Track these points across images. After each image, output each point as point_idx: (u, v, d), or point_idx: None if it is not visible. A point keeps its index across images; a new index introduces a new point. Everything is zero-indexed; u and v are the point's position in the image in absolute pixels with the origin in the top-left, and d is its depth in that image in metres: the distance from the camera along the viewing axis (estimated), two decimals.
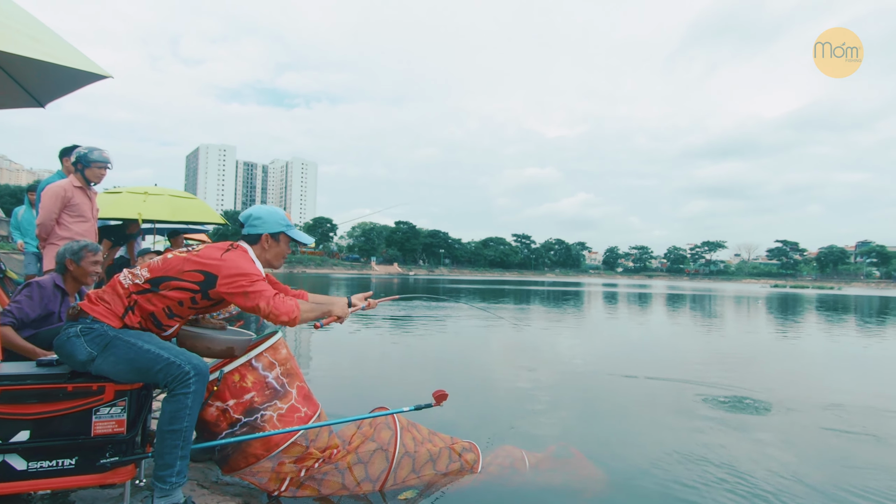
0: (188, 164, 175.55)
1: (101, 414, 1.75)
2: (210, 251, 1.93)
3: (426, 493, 2.43)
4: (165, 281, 1.84)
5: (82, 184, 3.99)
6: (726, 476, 2.85)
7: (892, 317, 17.57)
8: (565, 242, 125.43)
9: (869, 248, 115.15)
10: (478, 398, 4.52)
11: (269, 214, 2.13)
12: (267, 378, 2.16)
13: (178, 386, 1.74)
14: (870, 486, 2.78)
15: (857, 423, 4.04)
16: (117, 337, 1.76)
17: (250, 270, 1.92)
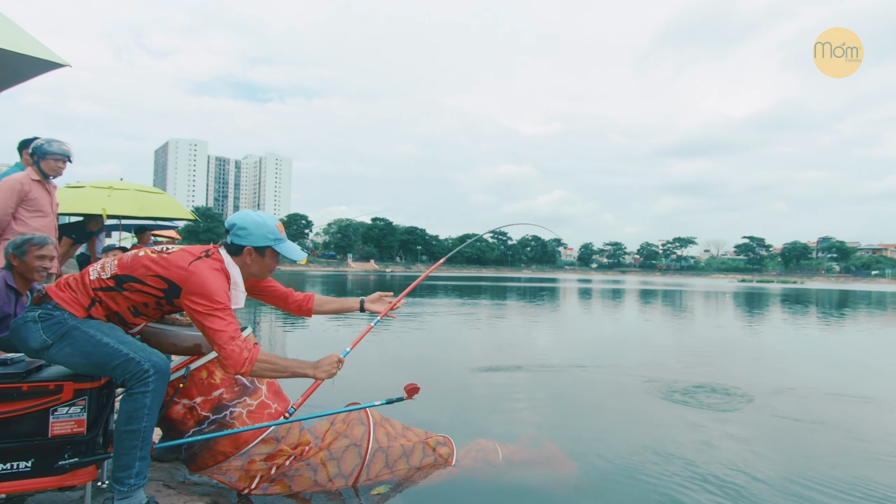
0: (157, 160, 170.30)
1: (60, 414, 1.69)
2: (179, 258, 1.77)
3: (400, 488, 2.43)
4: (130, 281, 1.75)
5: (40, 177, 3.83)
6: (693, 465, 2.93)
7: (850, 309, 18.38)
8: (541, 239, 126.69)
9: (830, 244, 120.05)
10: (453, 391, 4.54)
11: (256, 227, 1.91)
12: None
13: (136, 384, 1.67)
14: (831, 473, 2.91)
15: (820, 410, 4.22)
16: (76, 327, 1.69)
17: (214, 294, 1.73)
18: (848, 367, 6.81)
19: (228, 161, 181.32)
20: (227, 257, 1.90)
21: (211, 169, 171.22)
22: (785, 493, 2.60)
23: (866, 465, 3.08)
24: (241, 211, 2.01)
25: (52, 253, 2.71)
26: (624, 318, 13.32)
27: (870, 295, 33.03)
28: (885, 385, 5.68)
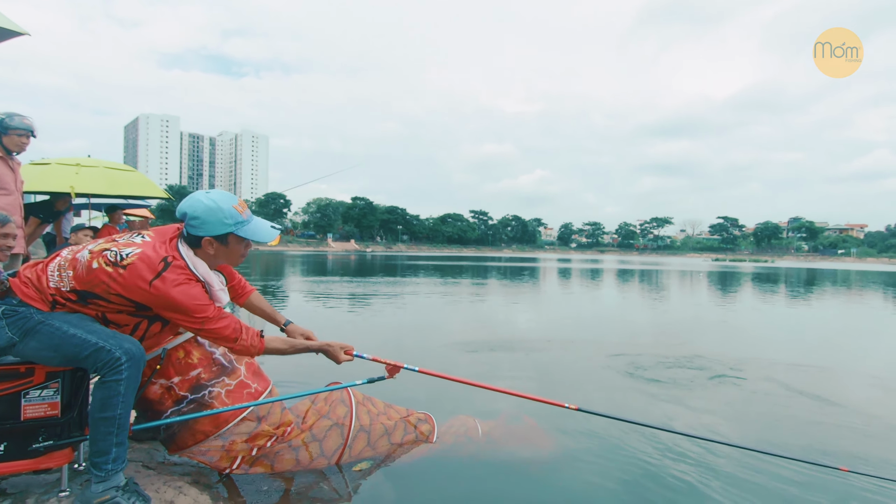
0: (127, 136, 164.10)
1: (32, 397, 1.65)
2: (136, 275, 1.61)
3: (382, 465, 2.47)
4: (92, 298, 1.66)
5: (3, 153, 3.66)
6: (670, 438, 3.04)
7: (817, 287, 19.09)
8: (522, 219, 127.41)
9: (800, 223, 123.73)
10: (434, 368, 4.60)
11: (210, 213, 1.74)
12: (214, 354, 2.10)
13: (108, 372, 1.62)
14: (791, 438, 3.06)
15: (784, 379, 4.41)
16: (42, 322, 1.62)
17: (193, 310, 1.67)
18: (808, 339, 7.10)
19: (203, 138, 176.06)
20: (188, 255, 1.76)
21: (184, 146, 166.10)
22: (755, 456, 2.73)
23: (824, 430, 3.25)
24: (191, 196, 1.81)
25: (13, 231, 2.59)
26: (601, 297, 13.59)
27: (835, 273, 34.29)
28: (841, 356, 5.96)
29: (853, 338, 7.59)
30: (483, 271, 24.12)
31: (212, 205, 1.75)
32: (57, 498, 1.71)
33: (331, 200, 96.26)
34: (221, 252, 1.82)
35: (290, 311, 8.84)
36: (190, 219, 1.75)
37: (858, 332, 8.30)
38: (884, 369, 5.29)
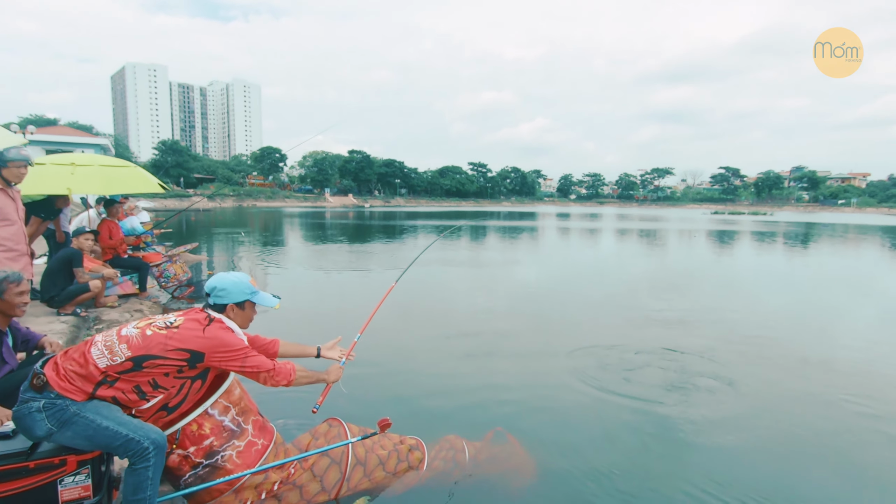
0: (114, 87, 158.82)
1: (67, 483, 1.89)
2: (190, 330, 2.08)
3: (376, 496, 2.76)
4: (149, 360, 1.96)
5: (3, 185, 3.76)
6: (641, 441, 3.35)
7: (813, 243, 19.35)
8: (521, 171, 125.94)
9: (801, 173, 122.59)
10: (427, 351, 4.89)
11: (234, 285, 2.29)
12: (223, 422, 2.33)
13: (138, 460, 1.88)
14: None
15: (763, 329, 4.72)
16: (77, 413, 1.85)
17: (236, 346, 2.16)
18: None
19: (192, 88, 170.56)
20: (221, 316, 2.27)
21: (174, 97, 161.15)
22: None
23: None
24: (217, 275, 2.36)
25: (27, 288, 2.77)
26: (597, 262, 13.84)
27: (833, 227, 34.50)
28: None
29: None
30: (483, 225, 24.27)
31: (236, 279, 2.32)
32: None
33: (327, 154, 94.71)
34: (240, 316, 2.34)
35: (294, 291, 9.09)
36: (219, 290, 2.27)
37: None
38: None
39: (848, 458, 3.48)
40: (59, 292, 5.29)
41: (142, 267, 6.77)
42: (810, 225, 39.05)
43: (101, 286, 5.70)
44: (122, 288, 6.49)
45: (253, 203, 69.10)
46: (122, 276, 6.45)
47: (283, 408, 3.76)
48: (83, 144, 34.17)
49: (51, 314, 5.28)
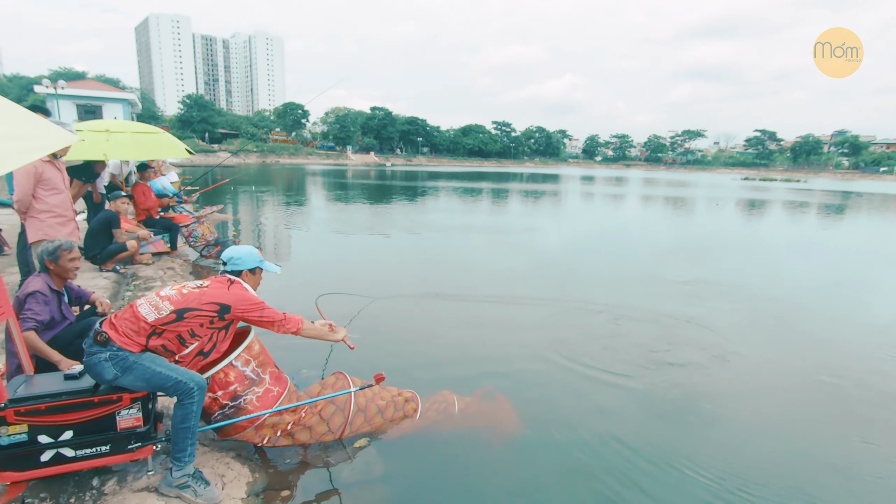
0: (139, 39, 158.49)
1: (123, 415, 2.37)
2: (218, 288, 2.59)
3: (375, 440, 3.24)
4: (189, 311, 2.44)
5: (50, 158, 4.19)
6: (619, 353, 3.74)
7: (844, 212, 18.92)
8: (546, 130, 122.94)
9: (843, 138, 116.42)
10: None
11: (247, 255, 2.80)
12: (245, 372, 2.79)
13: (185, 398, 2.35)
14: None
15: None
16: (136, 362, 2.31)
17: (255, 300, 2.65)
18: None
19: (216, 40, 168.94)
20: (238, 279, 2.76)
21: (198, 50, 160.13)
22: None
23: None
24: (230, 247, 2.88)
25: (78, 254, 3.22)
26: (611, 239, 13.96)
27: (871, 198, 33.27)
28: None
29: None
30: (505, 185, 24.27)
31: (247, 251, 2.82)
32: (146, 476, 2.50)
33: (349, 110, 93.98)
34: (251, 280, 2.83)
35: (313, 251, 9.58)
36: (234, 259, 2.78)
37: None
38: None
39: (841, 430, 3.81)
40: (101, 251, 5.84)
41: (172, 227, 7.30)
42: (846, 194, 37.69)
43: (137, 245, 6.24)
44: (156, 247, 7.05)
45: (276, 160, 69.71)
46: (154, 235, 6.98)
47: (298, 363, 4.25)
48: (111, 99, 34.77)
49: (94, 270, 5.86)
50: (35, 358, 2.74)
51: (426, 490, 2.92)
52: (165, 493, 2.38)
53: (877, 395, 4.26)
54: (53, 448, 2.27)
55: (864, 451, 3.46)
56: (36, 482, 2.33)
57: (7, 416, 2.18)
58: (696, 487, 2.97)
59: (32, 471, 2.26)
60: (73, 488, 2.37)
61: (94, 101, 34.00)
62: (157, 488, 2.41)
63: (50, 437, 2.26)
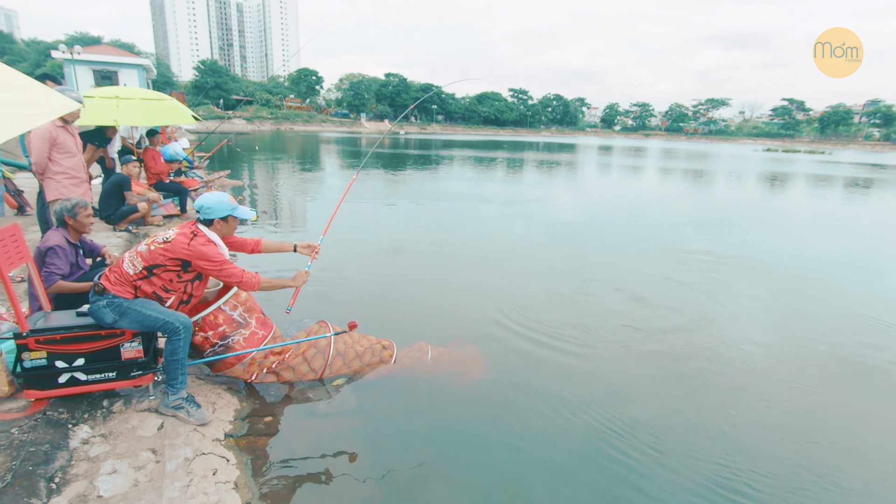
0: (153, 2, 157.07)
1: (126, 347, 2.77)
2: (179, 243, 2.72)
3: (353, 380, 3.63)
4: (157, 267, 2.72)
5: (62, 123, 4.54)
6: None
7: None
8: (563, 98, 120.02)
9: (877, 108, 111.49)
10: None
11: (217, 203, 2.88)
12: (233, 316, 3.17)
13: (173, 335, 2.72)
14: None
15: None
16: (130, 307, 2.68)
17: (214, 258, 2.77)
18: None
19: (229, 3, 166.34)
20: (206, 230, 2.87)
21: (212, 14, 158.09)
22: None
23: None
24: (202, 196, 2.95)
25: (91, 211, 3.60)
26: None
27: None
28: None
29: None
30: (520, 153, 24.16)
31: (217, 198, 2.90)
32: (148, 399, 2.93)
33: (364, 77, 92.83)
34: (225, 227, 2.95)
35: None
36: (206, 208, 2.86)
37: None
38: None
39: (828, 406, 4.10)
40: (114, 212, 6.26)
41: (182, 191, 7.69)
42: (876, 167, 36.56)
43: (148, 208, 6.65)
44: (166, 209, 7.46)
45: (290, 127, 69.73)
46: (164, 199, 7.39)
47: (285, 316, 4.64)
48: (126, 65, 35.00)
49: (108, 230, 6.30)
50: (53, 299, 3.14)
51: (393, 420, 3.31)
52: (163, 412, 2.81)
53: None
54: (69, 372, 2.69)
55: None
56: (55, 400, 2.77)
57: (29, 344, 2.59)
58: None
59: (52, 390, 2.69)
60: (86, 407, 2.81)
61: (110, 66, 34.27)
62: (157, 409, 2.83)
63: (65, 363, 2.67)
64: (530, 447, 3.07)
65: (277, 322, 3.68)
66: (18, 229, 2.91)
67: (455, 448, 3.06)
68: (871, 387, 4.07)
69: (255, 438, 2.92)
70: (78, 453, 2.44)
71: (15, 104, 2.21)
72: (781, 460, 3.06)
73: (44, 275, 3.12)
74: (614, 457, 3.00)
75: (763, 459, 3.05)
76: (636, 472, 2.88)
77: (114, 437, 2.59)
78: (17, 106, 2.22)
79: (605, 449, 3.07)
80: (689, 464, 2.98)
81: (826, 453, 3.19)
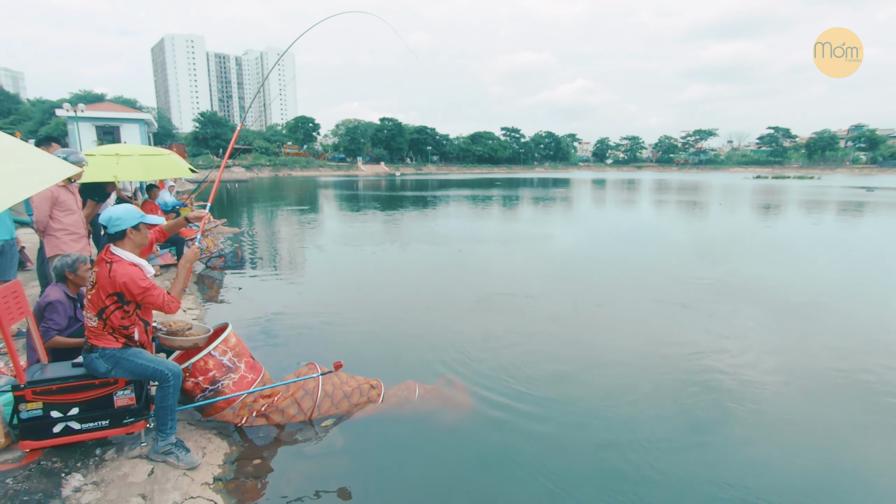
0: (155, 59, 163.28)
1: (119, 395, 2.89)
2: (102, 278, 2.72)
3: (341, 420, 3.71)
4: (104, 310, 2.75)
5: (65, 183, 4.79)
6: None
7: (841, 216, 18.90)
8: (555, 135, 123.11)
9: (861, 132, 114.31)
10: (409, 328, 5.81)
11: (125, 212, 2.83)
12: (222, 361, 3.30)
13: (163, 382, 2.85)
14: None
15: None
16: (121, 356, 2.81)
17: (141, 281, 2.73)
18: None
19: (229, 58, 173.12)
20: (120, 252, 2.79)
21: (212, 67, 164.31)
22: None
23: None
24: (107, 209, 2.90)
25: (90, 266, 3.77)
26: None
27: (886, 193, 32.83)
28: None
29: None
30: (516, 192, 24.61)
31: (125, 209, 2.86)
32: (140, 446, 3.02)
33: (359, 122, 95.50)
34: (138, 236, 2.87)
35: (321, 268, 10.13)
36: (114, 220, 2.80)
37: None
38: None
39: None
40: None
41: (179, 241, 7.91)
42: (866, 189, 37.17)
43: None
44: (163, 259, 7.66)
45: (288, 172, 71.14)
46: (161, 249, 7.59)
47: (277, 356, 4.76)
48: (128, 120, 36.13)
49: None
50: (50, 352, 3.28)
51: (381, 459, 3.36)
52: (153, 458, 2.90)
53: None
54: (63, 421, 2.80)
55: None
56: (49, 450, 2.86)
57: (26, 395, 2.71)
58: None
59: (46, 440, 2.79)
60: (79, 455, 2.90)
61: (112, 122, 35.40)
62: (147, 455, 2.92)
63: (60, 413, 2.79)
64: (520, 486, 3.13)
65: (267, 365, 3.80)
66: (20, 285, 3.09)
67: (443, 487, 3.12)
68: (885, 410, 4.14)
69: (243, 481, 2.99)
70: (70, 501, 2.52)
71: (20, 173, 2.43)
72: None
73: (42, 330, 3.27)
74: (614, 496, 3.04)
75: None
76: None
77: (105, 484, 2.68)
78: (23, 174, 2.43)
79: (603, 485, 3.13)
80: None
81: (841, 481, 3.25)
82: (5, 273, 4.78)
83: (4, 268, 4.79)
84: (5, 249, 4.79)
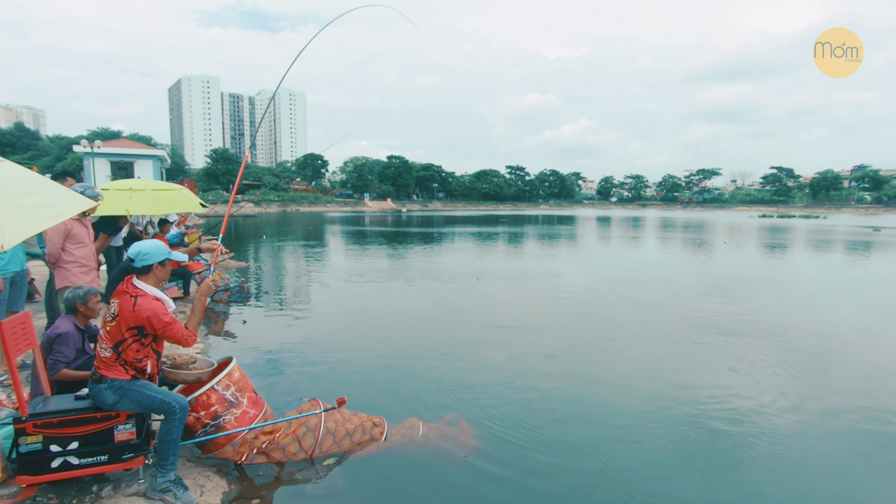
0: (171, 98, 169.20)
1: (120, 429, 2.86)
2: (125, 311, 2.76)
3: (343, 459, 3.63)
4: (121, 343, 2.79)
5: (79, 216, 4.89)
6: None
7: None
8: (559, 173, 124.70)
9: (863, 173, 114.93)
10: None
11: (154, 249, 2.94)
12: (225, 396, 3.26)
13: (169, 415, 2.82)
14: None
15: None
16: (129, 388, 2.81)
17: (163, 316, 2.79)
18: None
19: (242, 98, 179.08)
20: (143, 285, 2.87)
21: (225, 107, 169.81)
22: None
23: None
24: (136, 244, 3.00)
25: (100, 298, 3.81)
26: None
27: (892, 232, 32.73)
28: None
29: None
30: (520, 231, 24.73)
31: (153, 245, 2.97)
32: (137, 483, 2.95)
33: (367, 159, 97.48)
34: (162, 271, 2.99)
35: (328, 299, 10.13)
36: (142, 255, 2.90)
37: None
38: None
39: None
40: None
41: (186, 275, 7.97)
42: (874, 230, 37.10)
43: None
44: (170, 293, 7.70)
45: (296, 208, 72.12)
46: (169, 282, 7.65)
47: (279, 391, 4.70)
48: (142, 156, 37.14)
49: None
50: (53, 384, 3.27)
51: (382, 500, 3.27)
52: (151, 496, 2.83)
53: None
54: (62, 456, 2.76)
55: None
56: (46, 486, 2.81)
57: (27, 428, 2.69)
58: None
59: (44, 475, 2.74)
60: (75, 492, 2.84)
61: (126, 158, 36.40)
62: (145, 493, 2.86)
63: (59, 447, 2.75)
64: None
65: (269, 400, 3.75)
66: (28, 317, 3.11)
67: None
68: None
69: None
70: None
71: (36, 206, 2.50)
72: None
73: (50, 362, 3.27)
74: None
75: None
76: None
77: None
78: (40, 208, 2.50)
79: None
80: None
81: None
82: (15, 304, 4.82)
83: (14, 299, 4.83)
84: (16, 280, 4.85)
